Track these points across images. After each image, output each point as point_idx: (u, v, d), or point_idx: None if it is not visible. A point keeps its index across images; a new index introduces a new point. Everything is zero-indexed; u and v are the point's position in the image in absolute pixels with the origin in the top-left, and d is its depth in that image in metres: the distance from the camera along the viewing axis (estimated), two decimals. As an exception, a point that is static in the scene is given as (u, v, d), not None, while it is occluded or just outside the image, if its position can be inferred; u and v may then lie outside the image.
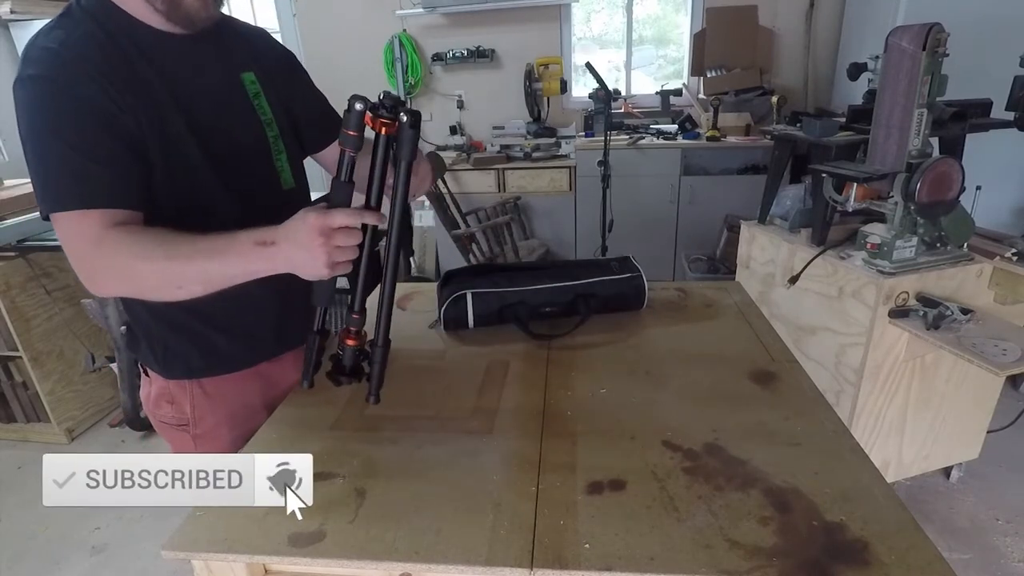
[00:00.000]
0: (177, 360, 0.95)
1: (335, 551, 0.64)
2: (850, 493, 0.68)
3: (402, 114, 0.73)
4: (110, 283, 0.77)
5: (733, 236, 2.75)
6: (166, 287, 0.75)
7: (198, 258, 0.73)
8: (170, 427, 0.99)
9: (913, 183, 1.49)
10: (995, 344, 1.44)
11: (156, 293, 0.77)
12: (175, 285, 0.74)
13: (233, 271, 0.74)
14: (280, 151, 0.95)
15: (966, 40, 1.65)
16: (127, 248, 0.73)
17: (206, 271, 0.73)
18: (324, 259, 0.70)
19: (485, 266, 1.93)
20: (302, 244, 0.70)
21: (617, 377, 0.97)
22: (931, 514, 1.88)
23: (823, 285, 1.76)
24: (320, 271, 0.71)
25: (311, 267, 0.71)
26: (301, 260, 0.71)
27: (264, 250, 0.72)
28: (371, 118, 0.73)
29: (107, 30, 0.78)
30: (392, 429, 0.86)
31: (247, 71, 0.91)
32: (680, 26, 3.83)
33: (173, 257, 0.73)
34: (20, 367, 2.41)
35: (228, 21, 0.92)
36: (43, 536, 2.03)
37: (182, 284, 0.74)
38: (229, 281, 0.74)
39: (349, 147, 0.73)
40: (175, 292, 0.75)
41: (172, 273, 0.73)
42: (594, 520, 0.66)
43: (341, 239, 0.71)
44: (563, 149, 3.57)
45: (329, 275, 0.72)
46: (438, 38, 3.76)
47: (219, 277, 0.74)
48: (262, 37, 0.99)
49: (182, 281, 0.74)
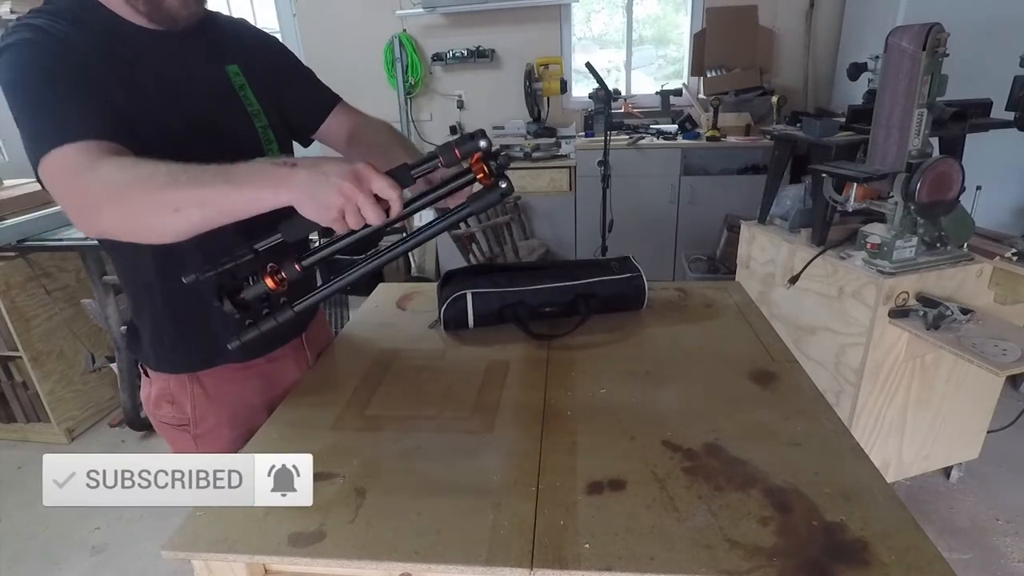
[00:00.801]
0: (178, 353, 0.95)
1: (335, 551, 0.64)
2: (850, 493, 0.68)
3: (503, 181, 0.72)
4: (104, 208, 0.69)
5: (733, 236, 2.75)
6: (163, 208, 0.67)
7: (204, 176, 0.67)
8: (170, 427, 0.99)
9: (913, 183, 1.49)
10: (995, 344, 1.44)
11: (152, 218, 0.68)
12: (172, 207, 0.66)
13: (236, 194, 0.66)
14: (271, 141, 0.95)
15: (966, 40, 1.65)
16: (123, 167, 0.69)
17: (208, 191, 0.67)
18: (339, 201, 0.65)
19: (485, 266, 1.93)
20: (329, 174, 0.65)
21: (617, 377, 0.97)
22: (931, 514, 1.88)
23: (823, 285, 1.76)
24: (325, 211, 0.66)
25: (321, 200, 0.65)
26: (316, 190, 0.65)
27: (279, 171, 0.66)
28: (480, 158, 0.71)
29: (90, 24, 0.78)
30: (392, 429, 0.86)
31: (231, 64, 0.91)
32: (680, 26, 3.83)
33: (175, 174, 0.67)
34: (20, 367, 2.41)
35: (211, 16, 0.92)
36: (43, 536, 2.03)
37: (180, 206, 0.66)
38: (231, 207, 0.67)
39: (443, 159, 0.71)
40: (171, 216, 0.67)
41: (171, 191, 0.66)
42: (594, 520, 0.66)
43: (365, 199, 0.66)
44: (563, 149, 3.57)
45: (328, 220, 0.66)
46: (438, 38, 3.76)
47: (220, 200, 0.67)
48: (244, 27, 0.99)
49: (180, 202, 0.66)
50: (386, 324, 1.23)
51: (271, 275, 0.75)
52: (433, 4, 3.51)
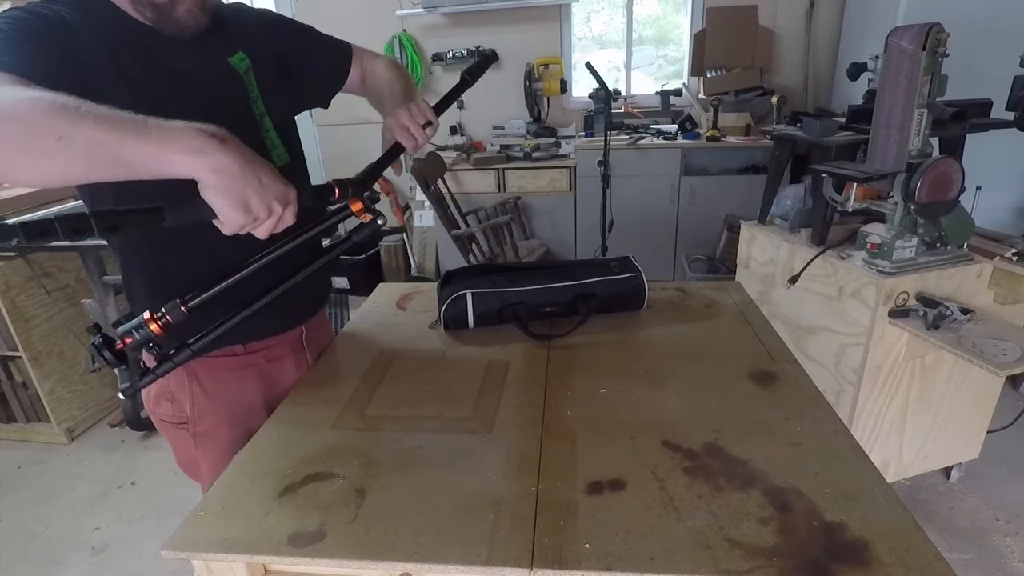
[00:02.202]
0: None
1: (335, 551, 0.64)
2: (850, 493, 0.68)
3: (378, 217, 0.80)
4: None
5: (733, 236, 2.75)
6: (44, 133, 0.56)
7: (112, 117, 0.58)
8: (170, 425, 0.99)
9: (913, 183, 1.49)
10: (995, 344, 1.44)
11: (27, 140, 0.56)
12: (56, 133, 0.56)
13: (142, 144, 0.58)
14: (268, 129, 0.95)
15: (966, 40, 1.65)
16: (25, 90, 0.60)
17: (108, 133, 0.57)
18: (264, 213, 0.63)
19: (485, 266, 1.93)
20: (266, 185, 0.63)
21: (617, 377, 0.97)
22: (931, 514, 1.88)
23: (823, 285, 1.76)
24: (243, 212, 0.62)
25: (245, 201, 0.62)
26: (245, 189, 0.61)
27: (203, 139, 0.60)
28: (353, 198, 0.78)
29: (95, 16, 0.78)
30: (392, 429, 0.86)
31: (236, 51, 0.92)
32: (680, 26, 3.83)
33: (77, 105, 0.58)
34: (20, 367, 2.41)
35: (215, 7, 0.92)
36: (43, 536, 2.03)
37: (65, 134, 0.56)
38: (129, 158, 0.58)
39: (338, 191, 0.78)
40: (52, 144, 0.56)
41: (63, 117, 0.57)
42: (594, 520, 0.66)
43: (282, 222, 0.67)
44: (563, 149, 3.57)
45: (240, 221, 0.63)
46: (438, 38, 3.76)
47: (119, 144, 0.58)
48: (245, 12, 1.00)
49: (68, 131, 0.56)
50: (386, 324, 1.23)
51: (156, 320, 0.73)
52: (433, 4, 3.50)
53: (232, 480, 0.77)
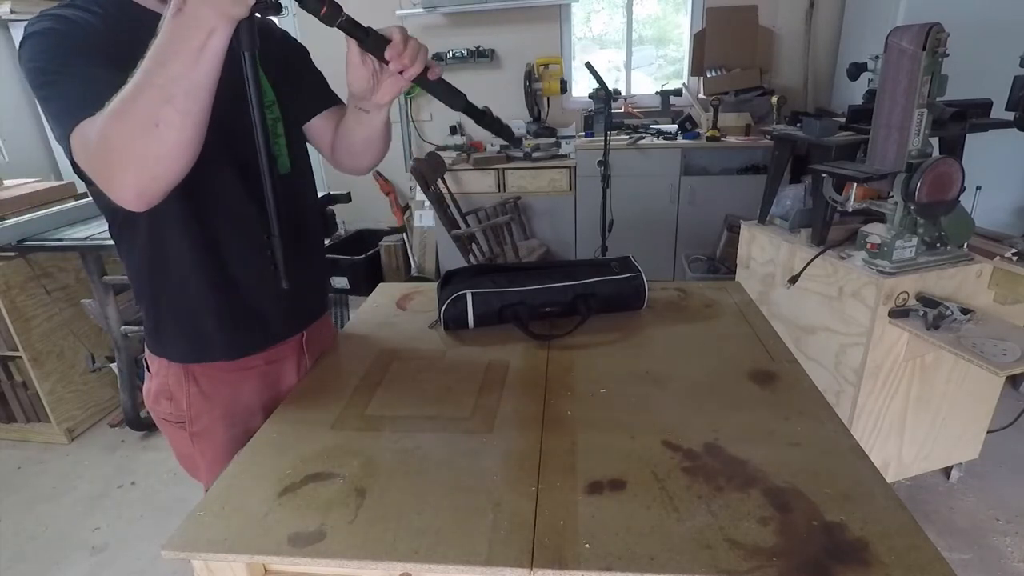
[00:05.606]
0: (166, 337, 0.95)
1: (335, 551, 0.64)
2: (850, 493, 0.68)
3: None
4: (110, 157, 0.67)
5: (733, 236, 2.75)
6: (146, 127, 0.64)
7: (140, 77, 0.64)
8: (169, 424, 0.99)
9: (913, 183, 1.49)
10: (995, 344, 1.44)
11: (144, 141, 0.65)
12: (152, 122, 0.64)
13: (172, 57, 0.63)
14: (279, 135, 0.95)
15: (966, 40, 1.65)
16: (93, 123, 0.66)
17: (153, 82, 0.63)
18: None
19: (485, 266, 1.93)
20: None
21: (617, 377, 0.97)
22: (931, 514, 1.88)
23: (823, 285, 1.76)
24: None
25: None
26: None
27: (181, 15, 0.63)
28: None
29: (117, 14, 0.78)
30: (392, 429, 0.86)
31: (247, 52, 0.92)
32: (680, 26, 3.83)
33: (125, 92, 0.64)
34: (20, 367, 2.41)
35: None
36: (43, 536, 2.03)
37: (153, 117, 0.64)
38: (185, 74, 0.64)
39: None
40: (155, 132, 0.64)
41: (137, 105, 0.64)
42: (594, 520, 0.66)
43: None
44: (563, 149, 3.57)
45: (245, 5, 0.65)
46: (438, 38, 3.76)
47: (170, 78, 0.63)
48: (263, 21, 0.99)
49: (149, 111, 0.63)
50: (386, 324, 1.23)
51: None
52: (433, 4, 3.51)
53: (232, 480, 0.76)
